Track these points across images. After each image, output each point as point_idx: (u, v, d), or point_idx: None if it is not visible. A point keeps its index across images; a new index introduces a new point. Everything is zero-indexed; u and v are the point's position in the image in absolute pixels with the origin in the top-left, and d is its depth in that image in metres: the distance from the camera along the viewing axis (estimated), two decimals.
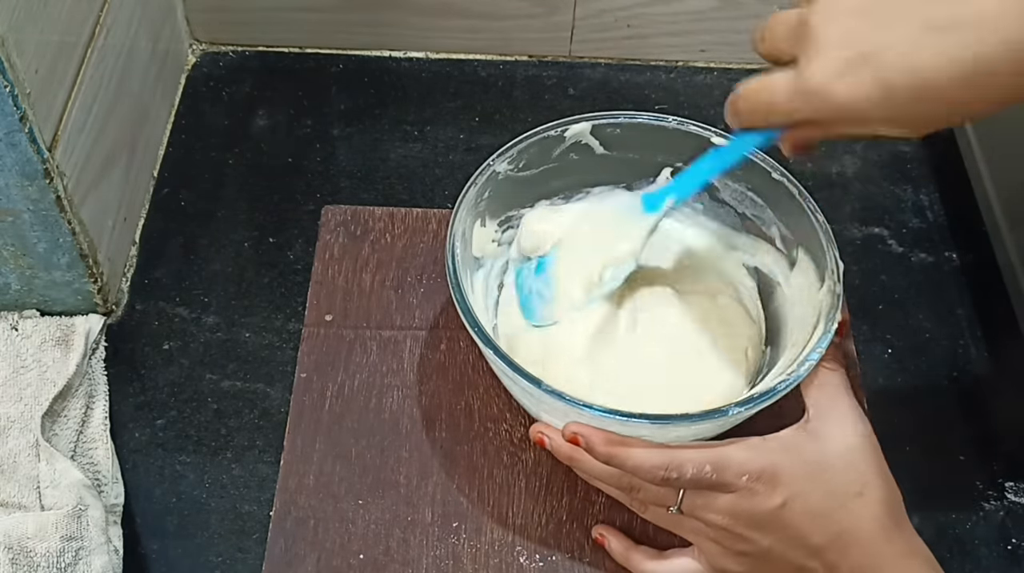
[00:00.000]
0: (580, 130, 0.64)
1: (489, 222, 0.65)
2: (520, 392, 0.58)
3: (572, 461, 0.56)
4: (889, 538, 0.51)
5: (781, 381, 0.54)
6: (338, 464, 0.63)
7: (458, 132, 0.82)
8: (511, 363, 0.55)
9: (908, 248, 0.76)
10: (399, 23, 0.85)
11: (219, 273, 0.73)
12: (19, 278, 0.66)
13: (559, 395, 0.54)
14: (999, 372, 0.70)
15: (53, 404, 0.62)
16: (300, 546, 0.60)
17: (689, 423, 0.54)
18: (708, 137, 0.63)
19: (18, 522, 0.57)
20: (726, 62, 0.87)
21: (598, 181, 0.67)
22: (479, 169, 0.62)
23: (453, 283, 0.58)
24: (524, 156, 0.64)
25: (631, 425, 0.53)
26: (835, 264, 0.58)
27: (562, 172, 0.66)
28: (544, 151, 0.64)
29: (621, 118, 0.64)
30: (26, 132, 0.57)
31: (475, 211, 0.63)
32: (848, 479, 0.51)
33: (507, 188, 0.64)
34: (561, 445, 0.55)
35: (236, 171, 0.79)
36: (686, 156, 0.65)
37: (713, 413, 0.53)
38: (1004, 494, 0.64)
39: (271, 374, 0.68)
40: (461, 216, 0.61)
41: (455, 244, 0.59)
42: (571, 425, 0.54)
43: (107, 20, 0.68)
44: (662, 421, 0.53)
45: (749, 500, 0.51)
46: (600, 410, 0.53)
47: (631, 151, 0.65)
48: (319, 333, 0.68)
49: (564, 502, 0.62)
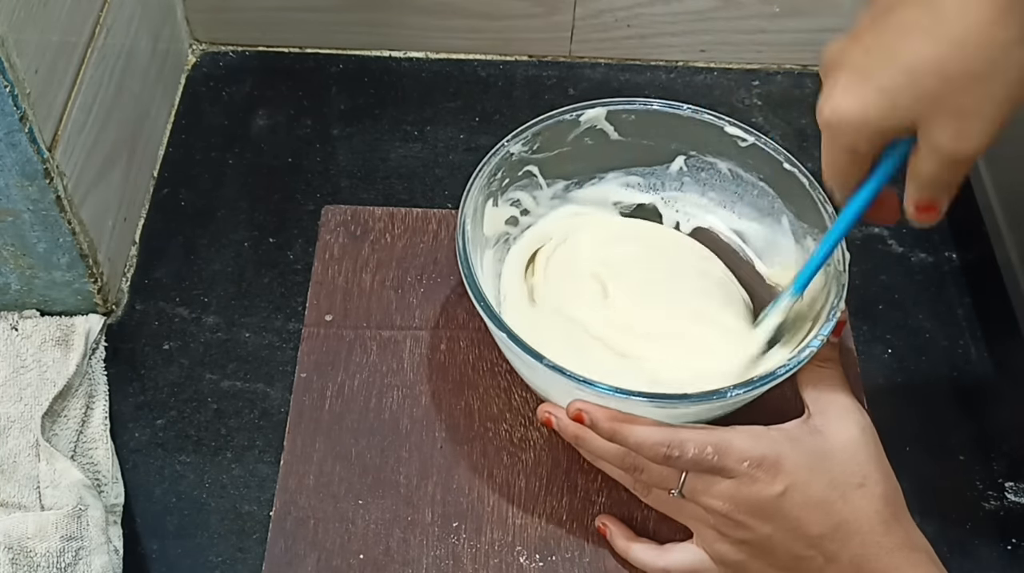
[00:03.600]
0: (595, 115, 0.65)
1: (502, 202, 0.65)
2: (524, 369, 0.59)
3: (578, 440, 0.56)
4: (888, 529, 0.51)
5: (782, 366, 0.55)
6: (338, 464, 0.63)
7: (458, 132, 0.82)
8: (515, 337, 0.55)
9: (908, 248, 0.76)
10: (399, 23, 0.85)
11: (219, 273, 0.73)
12: (19, 278, 0.66)
13: (560, 371, 0.54)
14: (999, 372, 0.70)
15: (53, 404, 0.62)
16: (300, 546, 0.60)
17: (688, 403, 0.54)
18: (721, 126, 0.64)
19: (18, 522, 0.57)
20: (726, 62, 0.87)
21: (612, 166, 0.68)
22: (493, 149, 0.63)
23: (462, 258, 0.58)
24: (539, 139, 0.64)
25: (631, 402, 0.53)
26: (841, 253, 0.59)
27: (575, 156, 0.66)
28: (559, 135, 0.65)
29: (636, 104, 0.65)
30: (26, 132, 0.57)
31: (487, 190, 0.63)
32: (849, 470, 0.52)
33: (521, 169, 0.65)
34: (568, 424, 0.56)
35: (236, 171, 0.79)
36: (699, 144, 0.66)
37: (712, 394, 0.54)
38: (1004, 494, 0.64)
39: (271, 374, 0.68)
40: (473, 194, 0.61)
41: (466, 222, 0.60)
42: (575, 402, 0.55)
43: (107, 20, 0.68)
44: (661, 399, 0.54)
45: (749, 486, 0.52)
46: (601, 387, 0.54)
47: (645, 138, 0.66)
48: (319, 333, 0.68)
49: (564, 502, 0.62)
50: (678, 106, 0.65)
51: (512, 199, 0.66)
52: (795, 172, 0.63)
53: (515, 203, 0.67)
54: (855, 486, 0.52)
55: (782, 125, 0.83)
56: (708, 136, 0.65)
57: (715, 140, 0.66)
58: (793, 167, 0.63)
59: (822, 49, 0.49)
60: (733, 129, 0.64)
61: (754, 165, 0.65)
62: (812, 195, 0.62)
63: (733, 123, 0.64)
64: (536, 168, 0.66)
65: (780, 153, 0.63)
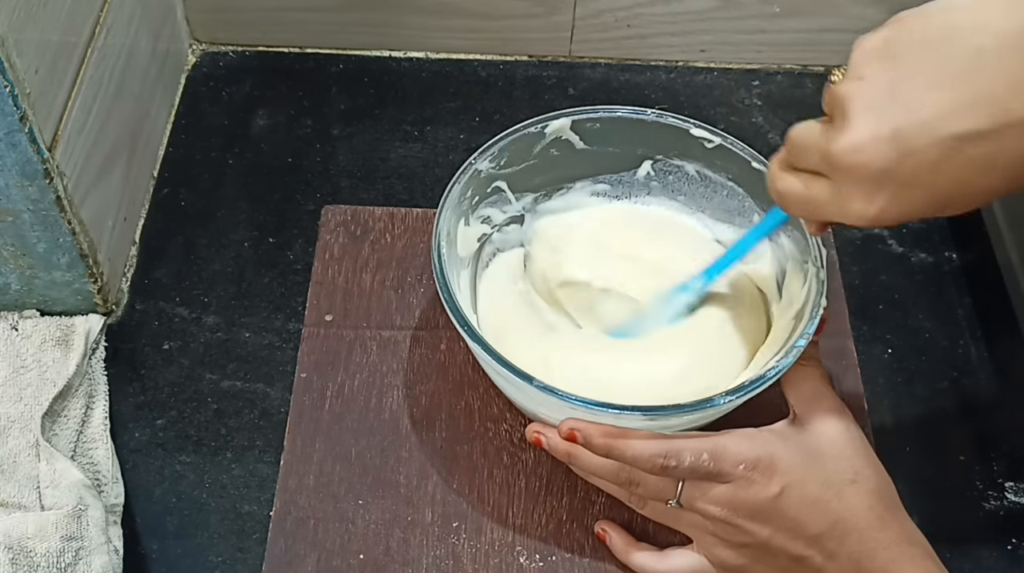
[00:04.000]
0: (560, 126, 0.64)
1: (473, 221, 0.65)
2: (512, 390, 0.58)
3: (570, 457, 0.56)
4: (884, 525, 0.51)
5: (770, 369, 0.55)
6: (338, 464, 0.63)
7: (458, 132, 0.82)
8: (501, 359, 0.55)
9: (908, 248, 0.76)
10: (399, 23, 0.85)
11: (219, 273, 0.73)
12: (19, 278, 0.66)
13: (551, 391, 0.54)
14: (999, 372, 0.70)
15: (53, 404, 0.62)
16: (300, 546, 0.60)
17: (681, 413, 0.54)
18: (687, 129, 0.64)
19: (18, 522, 0.57)
20: (726, 62, 0.87)
21: (579, 175, 0.67)
22: (461, 167, 0.62)
23: (441, 283, 0.58)
24: (505, 154, 0.64)
25: (624, 417, 0.53)
26: (818, 250, 0.58)
27: (543, 168, 0.66)
28: (525, 148, 0.64)
29: (601, 112, 0.65)
30: (26, 132, 0.57)
31: (459, 210, 0.63)
32: (841, 468, 0.52)
33: (490, 185, 0.65)
34: (558, 443, 0.55)
35: (236, 171, 0.79)
36: (666, 147, 0.65)
37: (703, 403, 0.54)
38: (1004, 494, 0.64)
39: (271, 374, 0.68)
40: (446, 216, 0.61)
41: (441, 244, 0.59)
42: (567, 421, 0.54)
43: (107, 20, 0.68)
44: (654, 412, 0.53)
45: (746, 489, 0.52)
46: (592, 404, 0.53)
47: (611, 145, 0.66)
48: (319, 333, 0.68)
49: (564, 502, 0.62)
50: (642, 111, 0.64)
51: (483, 216, 0.66)
52: (763, 170, 0.61)
53: (485, 220, 0.66)
54: (848, 482, 0.52)
55: (782, 125, 0.83)
56: (674, 139, 0.65)
57: (681, 143, 0.65)
58: (761, 165, 0.62)
59: (822, 50, 0.49)
60: (699, 131, 0.63)
61: (722, 166, 0.65)
62: None
63: (698, 125, 0.63)
64: (504, 183, 0.65)
65: (747, 152, 0.63)
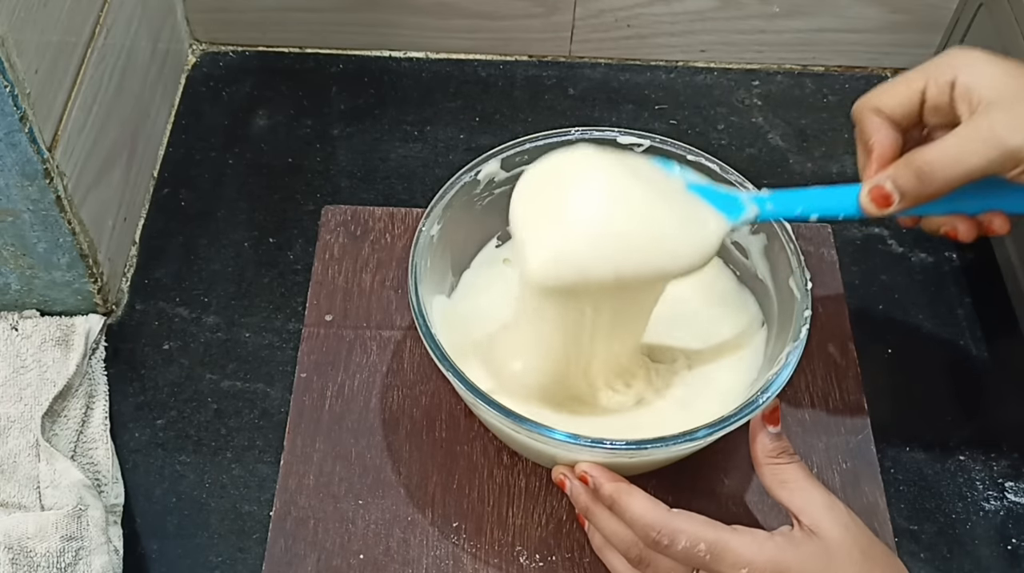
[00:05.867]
0: (492, 169, 0.63)
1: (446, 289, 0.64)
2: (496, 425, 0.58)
3: (588, 513, 0.55)
4: None
5: (752, 400, 0.54)
6: (338, 464, 0.63)
7: (458, 132, 0.82)
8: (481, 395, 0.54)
9: (908, 248, 0.76)
10: (399, 23, 0.85)
11: (219, 273, 0.73)
12: (19, 278, 0.66)
13: (520, 419, 0.53)
14: (999, 372, 0.70)
15: (53, 404, 0.62)
16: (300, 546, 0.60)
17: (663, 445, 0.53)
18: (613, 137, 0.63)
19: (18, 522, 0.57)
20: (726, 62, 0.87)
21: None
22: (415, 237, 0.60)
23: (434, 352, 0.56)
24: (448, 212, 0.62)
25: (598, 452, 0.53)
26: (799, 263, 0.58)
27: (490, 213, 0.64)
28: (468, 200, 0.63)
29: (527, 144, 0.63)
30: (26, 132, 0.57)
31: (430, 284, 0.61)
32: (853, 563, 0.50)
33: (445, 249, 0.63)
34: (579, 493, 0.55)
35: (236, 171, 0.79)
36: None
37: (683, 436, 0.53)
38: (1004, 494, 0.64)
39: (271, 374, 0.68)
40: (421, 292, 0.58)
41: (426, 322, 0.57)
42: (581, 465, 0.54)
43: (107, 20, 0.68)
44: (632, 447, 0.53)
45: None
46: (562, 436, 0.53)
47: None
48: (319, 333, 0.68)
49: (564, 502, 0.62)
50: (565, 132, 0.63)
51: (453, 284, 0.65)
52: (702, 161, 0.61)
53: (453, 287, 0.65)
54: None
55: (782, 125, 0.83)
56: None
57: None
58: (698, 157, 0.61)
59: (822, 50, 0.49)
60: (627, 138, 0.62)
61: None
62: (727, 178, 0.60)
63: (626, 132, 0.62)
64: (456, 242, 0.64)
65: (681, 147, 0.61)
